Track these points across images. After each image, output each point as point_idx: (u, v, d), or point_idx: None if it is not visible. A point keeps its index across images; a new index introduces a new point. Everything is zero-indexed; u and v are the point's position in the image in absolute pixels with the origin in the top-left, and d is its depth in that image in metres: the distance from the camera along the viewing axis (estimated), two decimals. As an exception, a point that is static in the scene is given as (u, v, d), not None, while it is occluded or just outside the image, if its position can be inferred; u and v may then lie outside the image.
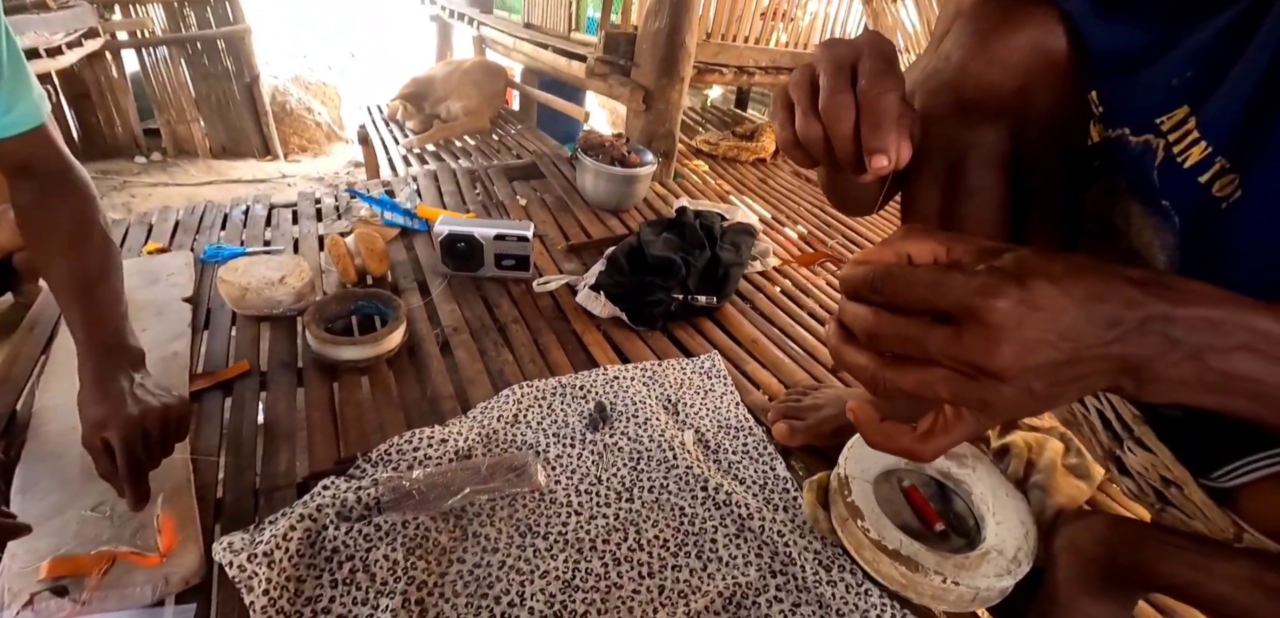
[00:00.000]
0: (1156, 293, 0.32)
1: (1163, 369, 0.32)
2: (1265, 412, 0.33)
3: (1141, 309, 0.31)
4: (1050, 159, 0.67)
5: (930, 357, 0.32)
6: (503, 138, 2.49)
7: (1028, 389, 0.32)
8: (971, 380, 0.32)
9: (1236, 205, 0.51)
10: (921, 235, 0.36)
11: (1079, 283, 0.31)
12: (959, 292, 0.31)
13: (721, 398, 1.04)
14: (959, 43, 0.62)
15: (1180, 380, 0.32)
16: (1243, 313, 0.32)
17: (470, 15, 3.70)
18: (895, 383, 0.34)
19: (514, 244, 1.31)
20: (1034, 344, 0.31)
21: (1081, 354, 0.31)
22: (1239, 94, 0.49)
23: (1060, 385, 0.32)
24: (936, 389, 0.33)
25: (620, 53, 2.09)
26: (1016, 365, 0.31)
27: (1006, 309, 0.30)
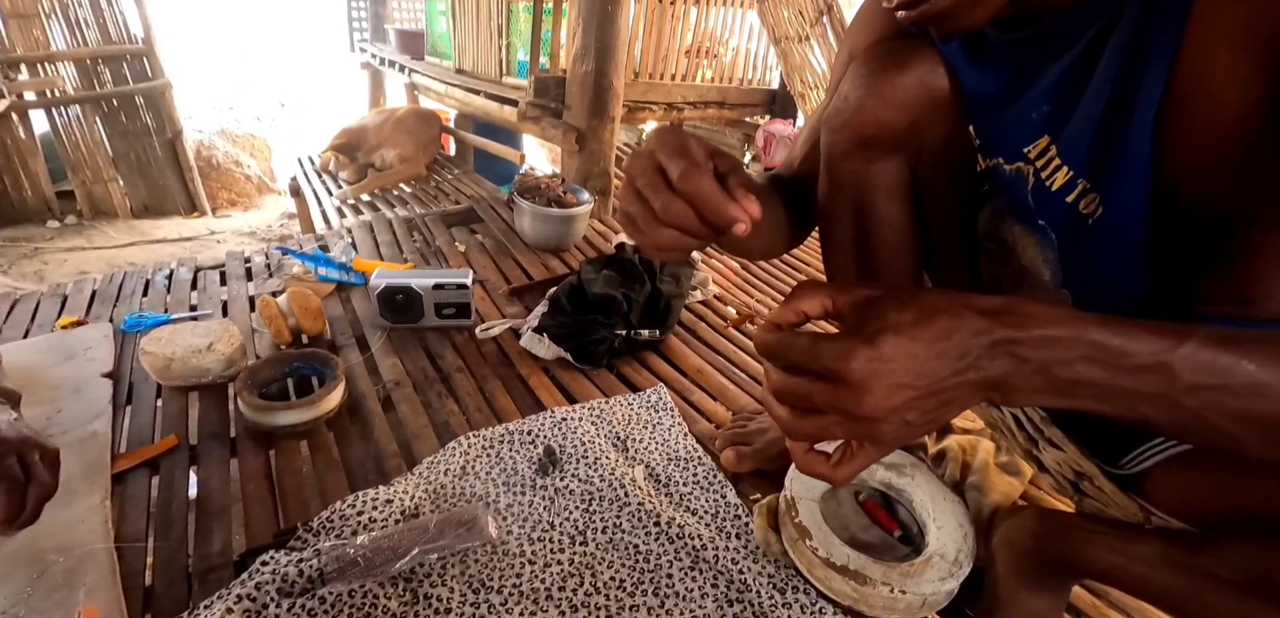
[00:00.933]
0: (1003, 321, 0.38)
1: (1017, 382, 0.38)
2: (1109, 408, 0.38)
3: (988, 336, 0.38)
4: (944, 187, 0.74)
5: (823, 407, 0.39)
6: (440, 184, 2.47)
7: (903, 421, 0.38)
8: (856, 422, 0.39)
9: (1100, 220, 0.58)
10: (811, 293, 0.43)
11: (926, 328, 0.38)
12: (825, 359, 0.39)
13: (670, 430, 1.06)
14: (855, 84, 0.69)
15: (1034, 390, 0.38)
16: (1079, 328, 0.37)
17: (402, 62, 3.67)
18: (802, 431, 0.42)
19: (453, 292, 1.29)
20: (892, 389, 0.37)
21: (939, 386, 0.38)
22: (1089, 123, 0.56)
23: (930, 411, 0.39)
24: (833, 431, 0.41)
25: (551, 96, 2.13)
26: (883, 407, 0.37)
27: (861, 368, 0.37)
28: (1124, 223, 0.56)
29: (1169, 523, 0.64)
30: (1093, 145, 0.56)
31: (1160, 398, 0.37)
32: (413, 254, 1.71)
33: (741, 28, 3.05)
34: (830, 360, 0.38)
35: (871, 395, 0.37)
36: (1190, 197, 0.52)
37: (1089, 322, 0.38)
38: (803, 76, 2.36)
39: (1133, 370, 0.37)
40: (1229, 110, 0.47)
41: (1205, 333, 0.36)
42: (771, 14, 2.45)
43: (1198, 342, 0.36)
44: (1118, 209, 0.56)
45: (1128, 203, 0.55)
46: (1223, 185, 0.51)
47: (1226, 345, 0.36)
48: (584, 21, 1.94)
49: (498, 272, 1.62)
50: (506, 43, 2.62)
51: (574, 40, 2.00)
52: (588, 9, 1.91)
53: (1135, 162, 0.53)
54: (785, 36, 2.41)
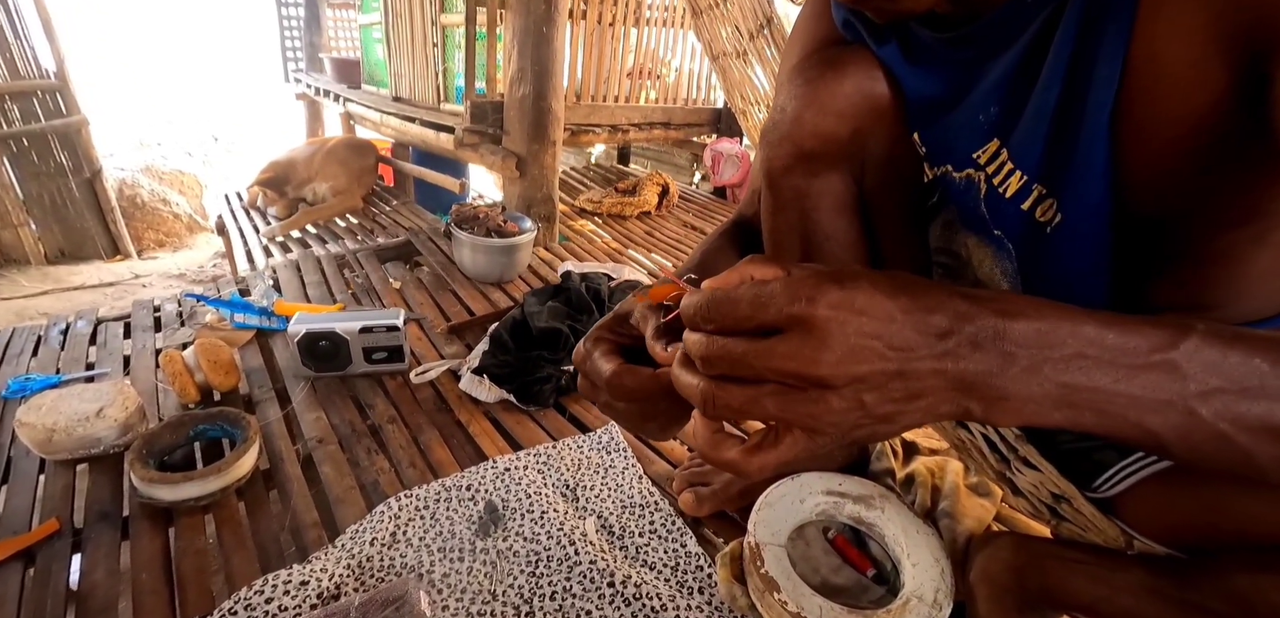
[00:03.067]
0: (986, 306, 0.31)
1: (1004, 385, 0.31)
2: (1110, 422, 0.31)
3: (972, 322, 0.31)
4: (891, 199, 0.69)
5: (757, 373, 0.32)
6: (377, 217, 2.34)
7: (858, 401, 0.31)
8: (798, 393, 0.31)
9: (1058, 228, 0.54)
10: (763, 262, 0.36)
11: (905, 293, 0.31)
12: (778, 301, 0.31)
13: (623, 474, 0.98)
14: (791, 95, 0.65)
15: (1025, 398, 0.31)
16: (1072, 321, 0.31)
17: (337, 91, 3.52)
18: (723, 401, 0.33)
19: (383, 335, 1.19)
20: (859, 351, 0.30)
21: (913, 366, 0.30)
22: (1041, 123, 0.51)
23: (894, 402, 0.31)
24: (764, 404, 0.32)
25: (488, 121, 2.04)
26: (842, 372, 0.30)
27: (826, 312, 0.30)
28: (1083, 228, 0.52)
29: (1152, 548, 0.60)
30: (1046, 147, 0.52)
31: (1169, 406, 0.30)
32: (343, 294, 1.59)
33: (684, 48, 3.04)
34: (788, 302, 0.31)
35: (831, 350, 0.30)
36: (1146, 197, 0.49)
37: (1080, 314, 0.31)
38: (743, 94, 2.34)
39: (1135, 370, 0.30)
40: (1191, 103, 0.43)
41: (1207, 328, 0.31)
42: (707, 30, 2.43)
43: (1200, 337, 0.30)
44: (1076, 214, 0.52)
45: (1086, 206, 0.51)
46: (1182, 184, 0.47)
47: (1233, 342, 0.30)
48: (519, 44, 1.87)
49: (436, 308, 1.52)
50: (444, 68, 2.53)
51: (510, 63, 1.93)
52: (522, 31, 1.85)
53: (1092, 162, 0.49)
54: (723, 53, 2.39)
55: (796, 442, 0.35)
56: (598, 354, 0.48)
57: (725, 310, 0.33)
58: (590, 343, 0.50)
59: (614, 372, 0.46)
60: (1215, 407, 0.29)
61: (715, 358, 0.33)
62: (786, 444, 0.35)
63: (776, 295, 0.31)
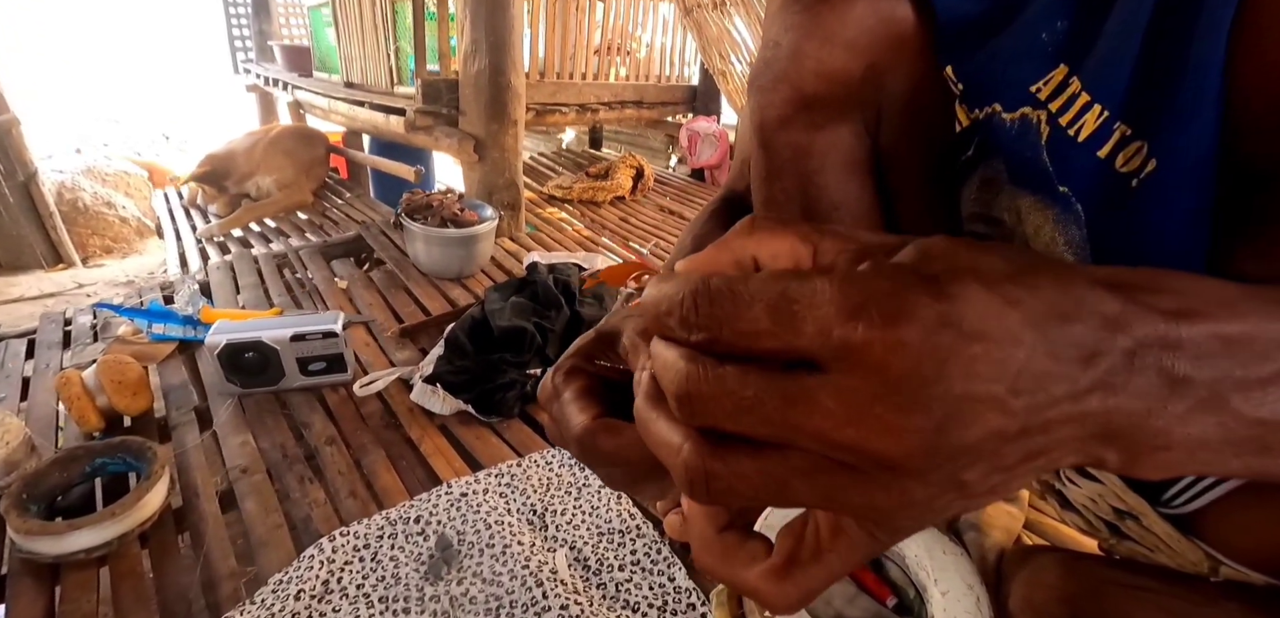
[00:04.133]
0: (1143, 300, 0.18)
1: (1166, 428, 0.18)
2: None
3: (1129, 332, 0.18)
4: (914, 153, 0.55)
5: (783, 434, 0.18)
6: (329, 212, 2.16)
7: (955, 482, 0.18)
8: (854, 475, 0.18)
9: (1148, 180, 0.41)
10: (774, 227, 0.22)
11: (1034, 287, 0.18)
12: (826, 311, 0.17)
13: (599, 494, 0.85)
14: (787, 24, 0.49)
15: (1195, 444, 0.19)
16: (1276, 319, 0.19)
17: (286, 80, 3.31)
18: (723, 482, 0.19)
19: (320, 343, 1.04)
20: (966, 409, 0.17)
21: (1043, 415, 0.17)
22: (1128, 41, 0.38)
23: (1004, 471, 0.18)
24: (794, 490, 0.19)
25: (442, 101, 1.88)
26: (937, 446, 0.17)
27: (915, 341, 0.16)
28: (1185, 183, 0.39)
29: (1247, 576, 0.48)
30: (1136, 72, 0.39)
31: None
32: (282, 297, 1.42)
33: (655, 22, 2.90)
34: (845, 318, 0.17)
35: (923, 414, 0.17)
36: (1264, 141, 0.37)
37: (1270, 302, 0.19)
38: (721, 50, 2.19)
39: None
40: None
41: None
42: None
43: None
44: (1176, 162, 0.39)
45: (1191, 152, 0.37)
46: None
47: None
48: (471, 13, 1.71)
49: (387, 309, 1.36)
50: (396, 48, 2.35)
51: (463, 36, 1.77)
52: (475, 2, 1.69)
53: (1201, 95, 0.35)
54: (696, 5, 2.23)
55: (853, 548, 0.21)
56: (568, 396, 0.33)
57: (728, 314, 0.19)
58: (561, 377, 0.34)
59: (585, 428, 0.30)
60: None
61: (706, 400, 0.19)
62: (838, 551, 0.21)
63: (821, 300, 0.18)
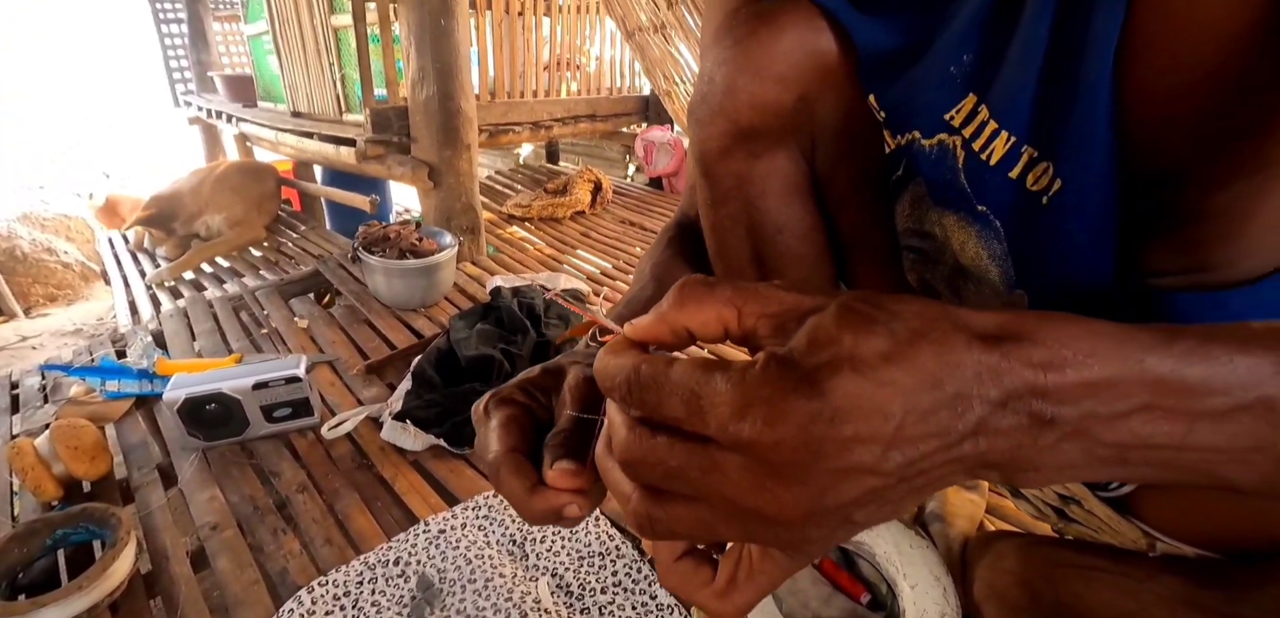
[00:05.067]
0: (1016, 355, 0.22)
1: (1035, 457, 0.22)
2: (1173, 475, 0.24)
3: (999, 384, 0.21)
4: (847, 175, 0.59)
5: (703, 494, 0.24)
6: (284, 247, 2.12)
7: (846, 520, 0.23)
8: (765, 521, 0.23)
9: (1057, 197, 0.45)
10: (702, 297, 0.26)
11: (908, 362, 0.21)
12: (722, 411, 0.22)
13: (577, 516, 0.86)
14: (720, 60, 0.52)
15: (1063, 466, 0.22)
16: (1137, 361, 0.22)
17: (230, 112, 3.21)
18: (663, 524, 0.25)
19: (283, 389, 1.03)
20: (842, 478, 0.22)
21: (920, 467, 0.22)
22: (1028, 70, 0.43)
23: (891, 504, 0.23)
24: (718, 530, 0.24)
25: (393, 129, 1.86)
26: (819, 508, 0.22)
27: (793, 436, 0.21)
28: (1087, 194, 0.43)
29: (1180, 550, 0.52)
30: (1037, 98, 0.43)
31: (1257, 452, 0.22)
32: (241, 341, 1.39)
33: (603, 34, 2.92)
34: (733, 421, 0.22)
35: (805, 486, 0.22)
36: (1154, 150, 0.41)
37: (1146, 346, 0.22)
38: (665, 71, 2.23)
39: (1218, 418, 0.22)
40: (1212, 35, 0.36)
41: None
42: (619, 4, 2.30)
43: None
44: (1078, 178, 0.43)
45: (1090, 168, 0.42)
46: (1196, 130, 0.40)
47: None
48: (416, 41, 1.71)
49: (351, 345, 1.35)
50: (342, 75, 2.31)
51: (409, 63, 1.76)
52: (418, 26, 1.68)
53: (1095, 113, 0.40)
54: (638, 28, 2.26)
55: (778, 564, 0.26)
56: (493, 422, 0.35)
57: (650, 399, 0.24)
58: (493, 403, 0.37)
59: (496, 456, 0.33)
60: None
61: (641, 465, 0.25)
62: (766, 571, 0.27)
63: (718, 403, 0.22)
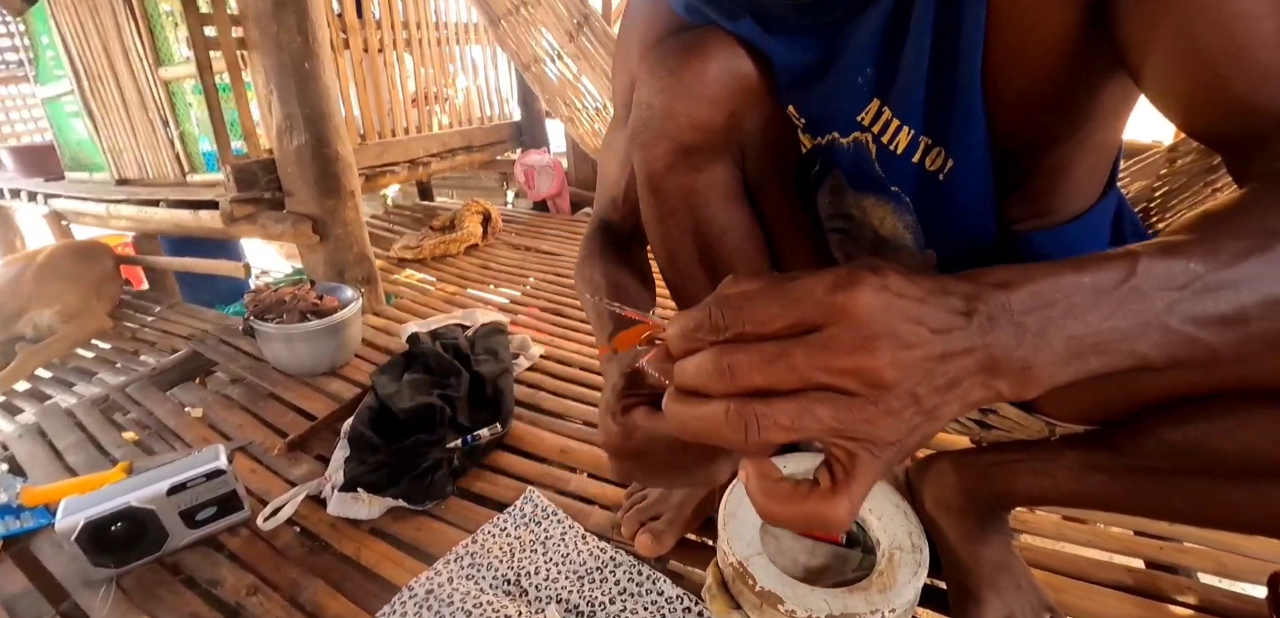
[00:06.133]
0: (984, 283, 0.30)
1: (1025, 356, 0.29)
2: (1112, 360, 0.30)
3: (982, 301, 0.29)
4: (774, 177, 0.69)
5: (801, 378, 0.28)
6: (137, 333, 1.85)
7: (913, 396, 0.28)
8: (855, 399, 0.28)
9: (950, 174, 0.57)
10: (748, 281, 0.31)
11: (918, 280, 0.29)
12: (814, 292, 0.28)
13: (564, 540, 0.86)
14: (654, 89, 0.61)
15: (1045, 363, 0.29)
16: (1052, 276, 0.30)
17: (30, 189, 2.73)
18: (769, 419, 0.28)
19: (204, 487, 0.92)
20: (908, 336, 0.27)
21: (951, 346, 0.28)
22: (917, 77, 0.54)
23: (939, 393, 0.29)
24: (818, 415, 0.28)
25: (261, 185, 1.71)
26: (898, 362, 0.27)
27: (871, 297, 0.27)
28: (973, 171, 0.56)
29: (1072, 429, 0.65)
30: (927, 99, 0.55)
31: (1149, 326, 0.30)
32: (123, 448, 1.22)
33: (467, 65, 2.87)
34: (826, 292, 0.28)
35: (886, 340, 0.27)
36: (1013, 130, 0.53)
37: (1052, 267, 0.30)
38: (566, 99, 2.25)
39: (1117, 305, 0.30)
40: (1043, 39, 0.48)
41: (1140, 247, 0.32)
42: (512, 39, 2.29)
43: (1146, 257, 0.31)
44: (964, 158, 0.56)
45: (972, 150, 0.55)
46: (1039, 111, 0.53)
47: (1165, 253, 0.31)
48: (277, 87, 1.59)
49: (262, 426, 1.23)
50: (180, 132, 2.07)
51: (271, 112, 1.63)
52: (278, 71, 1.57)
53: (971, 107, 0.52)
54: (535, 60, 2.27)
55: (866, 468, 0.29)
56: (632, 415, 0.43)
57: (746, 313, 0.29)
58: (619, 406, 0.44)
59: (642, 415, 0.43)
60: (1179, 314, 0.30)
61: (743, 368, 0.28)
62: (861, 469, 0.29)
63: (810, 288, 0.28)
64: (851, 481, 0.29)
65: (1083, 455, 0.62)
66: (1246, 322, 0.30)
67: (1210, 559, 0.85)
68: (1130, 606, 0.77)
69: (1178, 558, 0.85)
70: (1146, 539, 0.88)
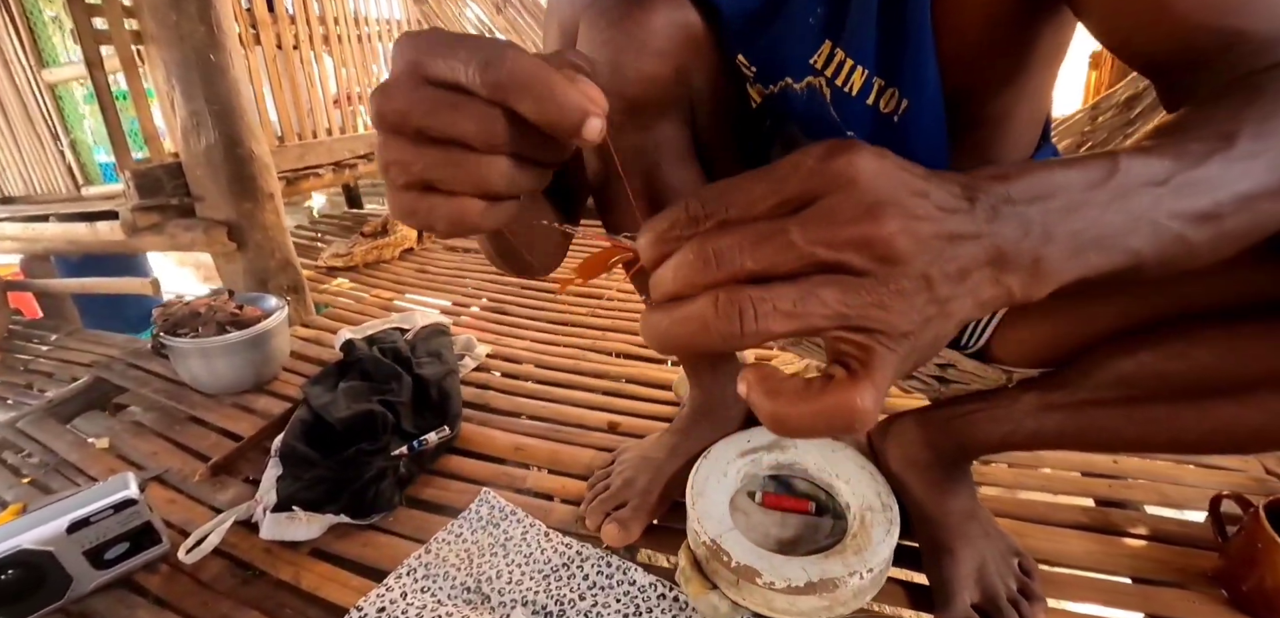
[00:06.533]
0: (982, 175, 0.27)
1: (1032, 249, 0.27)
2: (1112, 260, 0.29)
3: (983, 191, 0.27)
4: (723, 131, 0.67)
5: (801, 257, 0.24)
6: (31, 366, 1.67)
7: (925, 278, 0.24)
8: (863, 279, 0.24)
9: (905, 115, 0.56)
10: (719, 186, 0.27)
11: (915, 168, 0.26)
12: (805, 163, 0.24)
13: (525, 540, 0.81)
14: (599, 42, 0.57)
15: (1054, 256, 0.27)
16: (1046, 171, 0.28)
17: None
18: (767, 304, 0.24)
19: (112, 521, 0.82)
20: (916, 208, 0.24)
21: (961, 229, 0.25)
22: (867, 15, 0.53)
23: (951, 282, 0.25)
24: (823, 298, 0.24)
25: (167, 191, 1.57)
26: (909, 231, 0.24)
27: (872, 161, 0.24)
28: (926, 113, 0.56)
29: (1027, 373, 0.66)
30: (879, 37, 0.54)
31: (1140, 220, 0.29)
32: (17, 489, 1.08)
33: (387, 62, 2.74)
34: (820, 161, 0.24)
35: (894, 203, 0.24)
36: (960, 73, 0.53)
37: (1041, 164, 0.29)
38: None
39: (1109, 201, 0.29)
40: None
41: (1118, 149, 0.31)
42: (437, 13, 2.19)
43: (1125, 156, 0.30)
44: (918, 100, 0.56)
45: (925, 90, 0.54)
46: (985, 56, 0.53)
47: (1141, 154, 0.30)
48: (181, 84, 1.45)
49: (181, 452, 1.11)
50: (71, 140, 1.88)
51: (174, 111, 1.49)
52: (180, 65, 1.43)
53: (922, 45, 0.51)
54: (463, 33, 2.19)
55: (883, 361, 0.25)
56: None
57: (733, 196, 0.25)
58: None
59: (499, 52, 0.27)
60: (1165, 210, 0.29)
61: (730, 251, 0.24)
62: (877, 361, 0.25)
63: (800, 160, 0.24)
64: (871, 369, 0.24)
65: (1039, 397, 0.63)
66: (1221, 219, 0.30)
67: (1153, 492, 0.89)
68: (1089, 542, 0.80)
69: (1125, 493, 0.89)
70: (1094, 479, 0.91)
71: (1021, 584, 0.71)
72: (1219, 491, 0.79)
